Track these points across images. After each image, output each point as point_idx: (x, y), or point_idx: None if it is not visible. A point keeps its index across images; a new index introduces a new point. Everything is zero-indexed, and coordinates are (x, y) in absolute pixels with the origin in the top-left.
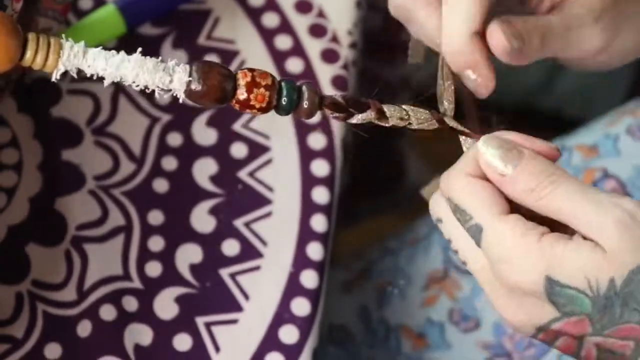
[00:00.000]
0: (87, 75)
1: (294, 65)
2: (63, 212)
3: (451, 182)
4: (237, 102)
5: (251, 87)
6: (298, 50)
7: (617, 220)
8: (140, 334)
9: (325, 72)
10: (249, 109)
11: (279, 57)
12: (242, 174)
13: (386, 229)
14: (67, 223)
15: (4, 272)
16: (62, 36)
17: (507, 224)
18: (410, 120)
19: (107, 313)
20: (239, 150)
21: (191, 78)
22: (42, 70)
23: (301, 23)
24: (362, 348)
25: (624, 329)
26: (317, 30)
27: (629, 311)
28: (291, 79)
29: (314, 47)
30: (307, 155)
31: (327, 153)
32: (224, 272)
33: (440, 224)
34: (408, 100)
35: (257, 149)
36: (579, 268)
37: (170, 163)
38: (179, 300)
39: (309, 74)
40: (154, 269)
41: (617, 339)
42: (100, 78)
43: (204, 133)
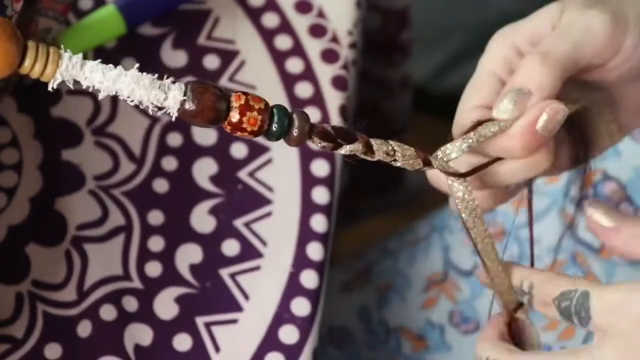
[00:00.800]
0: (82, 87)
1: (294, 65)
2: (63, 212)
3: (549, 281)
4: (229, 124)
5: (244, 110)
6: (298, 50)
7: None
8: (140, 334)
9: (325, 72)
10: (240, 132)
11: (278, 57)
12: (242, 174)
13: (386, 230)
14: (67, 223)
15: (4, 272)
16: (61, 45)
17: None
18: (395, 156)
19: (107, 313)
20: (238, 150)
21: (185, 97)
22: (40, 79)
23: (301, 23)
24: (362, 349)
25: None
26: (317, 30)
27: None
28: (283, 105)
29: (314, 47)
30: (307, 155)
31: (327, 153)
32: (224, 272)
33: None
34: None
35: (257, 149)
36: None
37: (170, 163)
38: (179, 300)
39: (308, 74)
40: (154, 269)
41: None
42: (96, 90)
43: (204, 133)
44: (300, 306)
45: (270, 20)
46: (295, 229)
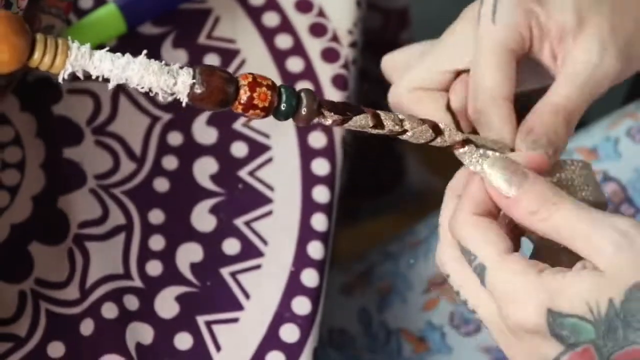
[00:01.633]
0: (92, 77)
1: (294, 64)
2: (65, 210)
3: (457, 223)
4: (240, 103)
5: (254, 86)
6: (298, 49)
7: (611, 240)
8: (141, 333)
9: (325, 72)
10: (252, 109)
11: (279, 57)
12: (243, 173)
13: (386, 230)
14: (69, 221)
15: (8, 270)
16: (67, 37)
17: (509, 262)
18: (404, 125)
19: (109, 311)
20: (239, 149)
21: (195, 80)
22: (49, 71)
23: (301, 22)
24: (362, 352)
25: (631, 352)
26: (318, 30)
27: (633, 332)
28: (290, 84)
29: (314, 46)
30: (307, 154)
31: (327, 152)
32: (225, 271)
33: (449, 278)
34: None
35: (257, 148)
36: (578, 293)
37: (170, 162)
38: (180, 299)
39: (309, 73)
40: (154, 268)
41: None
42: (105, 80)
43: (204, 132)
44: (301, 305)
45: (271, 19)
46: (296, 228)
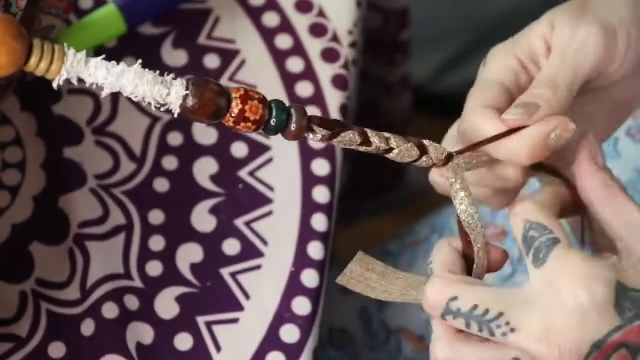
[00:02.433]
0: (86, 84)
1: (294, 64)
2: (66, 210)
3: (527, 205)
4: (232, 116)
5: (245, 99)
6: (298, 49)
7: None
8: (141, 333)
9: (325, 72)
10: (243, 122)
11: (279, 57)
12: (243, 173)
13: (386, 230)
14: (70, 221)
15: (8, 270)
16: (67, 37)
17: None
18: (390, 143)
19: (110, 311)
20: (239, 149)
21: (187, 92)
22: (44, 76)
23: (301, 22)
24: (362, 350)
25: None
26: (317, 30)
27: None
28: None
29: (314, 46)
30: (307, 154)
31: (327, 152)
32: (225, 272)
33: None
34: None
35: (257, 148)
36: None
37: (170, 162)
38: (180, 299)
39: (309, 73)
40: (154, 268)
41: None
42: (99, 87)
43: (204, 132)
44: (301, 305)
45: (271, 19)
46: (296, 228)
